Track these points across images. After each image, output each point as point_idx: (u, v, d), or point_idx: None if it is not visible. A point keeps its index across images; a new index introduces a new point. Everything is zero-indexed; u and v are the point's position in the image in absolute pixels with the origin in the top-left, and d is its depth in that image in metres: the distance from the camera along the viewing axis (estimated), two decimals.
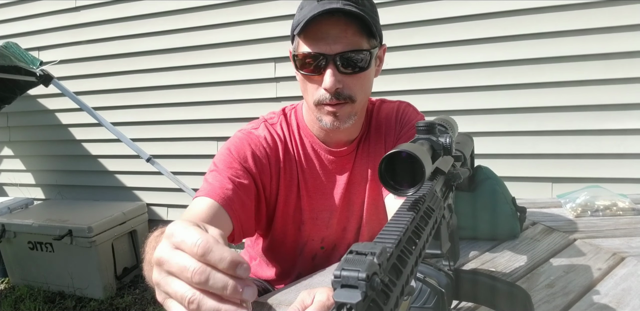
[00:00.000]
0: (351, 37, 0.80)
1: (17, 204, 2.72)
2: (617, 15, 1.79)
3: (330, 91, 0.81)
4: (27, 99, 2.90)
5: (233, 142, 0.91)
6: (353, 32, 0.80)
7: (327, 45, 0.79)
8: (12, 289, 2.57)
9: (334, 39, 0.79)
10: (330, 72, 0.80)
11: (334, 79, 0.80)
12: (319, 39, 0.80)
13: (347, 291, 0.27)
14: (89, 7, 2.74)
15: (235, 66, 2.44)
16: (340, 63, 0.80)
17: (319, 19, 0.77)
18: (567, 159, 1.94)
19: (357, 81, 0.84)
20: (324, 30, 0.79)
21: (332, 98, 0.83)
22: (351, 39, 0.80)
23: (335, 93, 0.82)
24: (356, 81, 0.83)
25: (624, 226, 1.05)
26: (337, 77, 0.81)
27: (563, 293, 0.75)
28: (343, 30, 0.79)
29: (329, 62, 0.80)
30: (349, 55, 0.80)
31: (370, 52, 0.83)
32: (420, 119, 0.98)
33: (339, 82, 0.81)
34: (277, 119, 0.98)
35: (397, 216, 0.41)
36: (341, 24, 0.79)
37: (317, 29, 0.79)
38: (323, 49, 0.80)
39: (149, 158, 2.29)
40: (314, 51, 0.80)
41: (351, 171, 0.97)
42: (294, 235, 1.00)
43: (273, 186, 0.93)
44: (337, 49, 0.79)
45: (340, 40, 0.79)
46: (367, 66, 0.83)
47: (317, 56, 0.80)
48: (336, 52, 0.79)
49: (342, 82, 0.82)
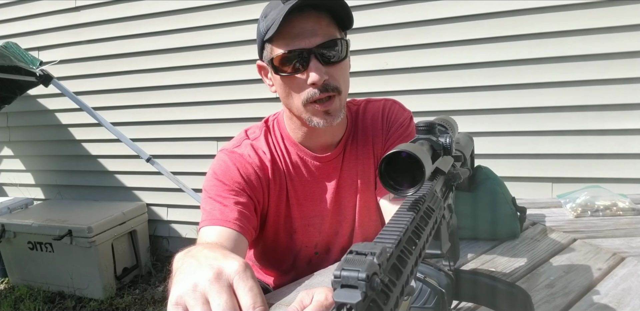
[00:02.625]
0: (326, 28, 0.80)
1: (17, 204, 2.72)
2: (618, 16, 1.79)
3: (318, 83, 0.80)
4: (27, 99, 2.90)
5: (218, 166, 0.90)
6: (327, 23, 0.80)
7: (306, 40, 0.79)
8: (12, 289, 2.57)
9: (311, 32, 0.79)
10: (314, 66, 0.79)
11: (320, 72, 0.79)
12: (296, 35, 0.79)
13: (347, 291, 0.27)
14: (89, 7, 2.74)
15: (235, 66, 2.44)
16: (322, 55, 0.80)
17: (290, 18, 0.76)
18: (567, 159, 1.94)
19: (339, 70, 0.83)
20: (298, 26, 0.79)
21: (321, 92, 0.82)
22: (326, 30, 0.80)
23: (324, 85, 0.81)
24: (339, 70, 0.83)
25: (624, 226, 1.05)
26: (322, 69, 0.80)
27: (563, 293, 0.75)
28: (317, 23, 0.79)
29: (311, 56, 0.79)
30: (328, 45, 0.80)
31: (346, 41, 0.83)
32: (407, 116, 0.98)
33: (326, 74, 0.80)
34: (260, 132, 0.96)
35: (397, 216, 0.41)
36: (313, 17, 0.79)
37: (291, 26, 0.78)
38: (302, 44, 0.79)
39: (148, 158, 2.29)
40: (293, 48, 0.79)
41: (340, 174, 0.96)
42: (286, 243, 0.99)
43: (265, 199, 0.93)
44: (316, 42, 0.79)
45: (317, 33, 0.79)
46: (345, 55, 0.83)
47: (297, 52, 0.79)
48: (316, 44, 0.79)
49: (327, 73, 0.81)
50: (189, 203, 2.59)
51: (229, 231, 0.80)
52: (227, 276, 0.46)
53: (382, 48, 2.11)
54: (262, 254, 1.03)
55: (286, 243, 0.99)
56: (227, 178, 0.87)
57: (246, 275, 0.46)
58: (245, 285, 0.45)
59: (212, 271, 0.46)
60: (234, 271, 0.46)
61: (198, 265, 0.49)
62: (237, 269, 0.47)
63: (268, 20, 0.81)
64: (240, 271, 0.46)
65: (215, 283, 0.45)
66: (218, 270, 0.46)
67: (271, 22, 0.79)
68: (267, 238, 0.98)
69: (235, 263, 0.47)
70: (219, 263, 0.48)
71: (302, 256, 1.01)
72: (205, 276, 0.46)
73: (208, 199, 0.86)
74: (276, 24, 0.77)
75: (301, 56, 0.80)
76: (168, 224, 2.81)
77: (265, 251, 1.02)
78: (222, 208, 0.83)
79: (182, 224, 2.77)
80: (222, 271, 0.47)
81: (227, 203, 0.84)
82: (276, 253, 1.00)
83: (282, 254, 1.00)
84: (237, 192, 0.86)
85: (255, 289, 0.45)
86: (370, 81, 2.16)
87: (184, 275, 0.49)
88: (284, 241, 0.98)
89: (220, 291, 0.45)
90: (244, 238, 0.81)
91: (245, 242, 0.82)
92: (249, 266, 0.48)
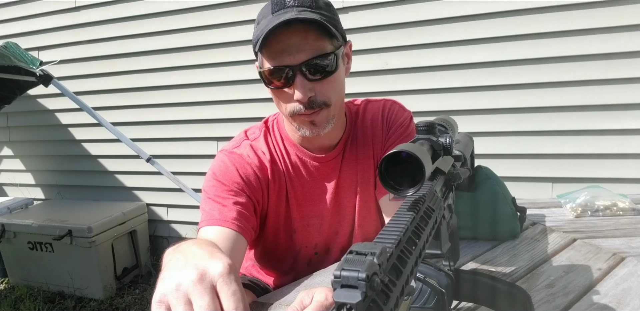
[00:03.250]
0: (313, 43, 0.77)
1: (17, 204, 2.72)
2: (618, 15, 1.79)
3: (302, 101, 0.80)
4: (27, 99, 2.89)
5: (218, 166, 0.90)
6: (314, 37, 0.77)
7: (290, 56, 0.77)
8: (12, 289, 2.56)
9: (296, 48, 0.77)
10: (299, 83, 0.78)
11: (304, 89, 0.78)
12: (280, 51, 0.77)
13: (347, 292, 0.27)
14: (89, 7, 2.73)
15: (235, 66, 2.44)
16: (307, 71, 0.78)
17: (277, 31, 0.75)
18: (567, 159, 1.94)
19: (327, 85, 0.81)
20: (283, 42, 0.76)
21: (306, 108, 0.81)
22: (313, 45, 0.77)
23: (309, 102, 0.80)
24: (327, 85, 0.81)
25: (624, 226, 1.05)
26: (307, 86, 0.79)
27: (563, 293, 0.75)
28: (303, 38, 0.77)
29: (296, 73, 0.78)
30: (314, 61, 0.78)
31: (335, 54, 0.80)
32: (407, 116, 0.97)
33: (310, 91, 0.79)
34: (259, 132, 0.96)
35: (397, 216, 0.41)
36: (299, 32, 0.76)
37: (277, 41, 0.76)
38: (287, 61, 0.77)
39: (149, 158, 2.29)
40: (278, 64, 0.78)
41: (339, 175, 0.96)
42: (286, 244, 0.99)
43: (265, 199, 0.93)
44: (301, 58, 0.77)
45: (303, 48, 0.77)
46: (335, 68, 0.81)
47: (282, 68, 0.78)
48: (301, 61, 0.77)
49: (313, 90, 0.80)
50: (189, 203, 2.59)
51: (227, 231, 0.80)
52: (211, 278, 0.46)
53: (382, 48, 2.11)
54: (262, 254, 1.03)
55: (286, 243, 0.99)
56: (226, 179, 0.87)
57: (230, 278, 0.46)
58: (228, 288, 0.46)
59: (196, 271, 0.46)
60: (217, 274, 0.46)
61: (184, 263, 0.50)
62: (222, 271, 0.47)
63: (259, 29, 0.80)
64: (224, 274, 0.46)
65: (198, 285, 0.45)
66: (202, 271, 0.46)
67: (261, 32, 0.77)
68: (267, 238, 0.98)
69: (220, 265, 0.47)
70: (204, 262, 0.48)
71: (302, 257, 1.01)
72: (189, 277, 0.46)
73: (207, 200, 0.86)
74: (262, 38, 0.76)
75: (286, 72, 0.78)
76: (168, 224, 2.81)
77: (265, 251, 1.02)
78: (221, 208, 0.83)
79: (182, 224, 2.77)
80: (207, 272, 0.47)
81: (226, 203, 0.84)
82: (276, 253, 1.00)
83: (282, 255, 1.00)
84: (236, 192, 0.86)
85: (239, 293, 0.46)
86: (370, 81, 2.16)
87: (169, 272, 0.49)
88: (283, 242, 0.98)
89: (203, 293, 0.45)
90: (243, 238, 0.82)
91: (244, 242, 0.82)
92: (235, 268, 0.48)
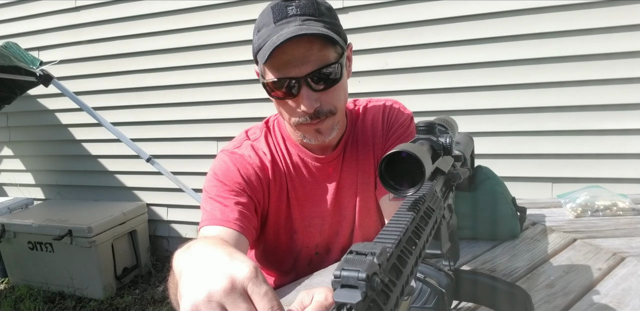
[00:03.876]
0: (317, 53, 0.76)
1: (17, 204, 2.72)
2: (618, 16, 1.79)
3: (309, 112, 0.79)
4: (27, 99, 2.90)
5: (219, 166, 0.90)
6: (319, 47, 0.76)
7: (296, 68, 0.76)
8: (12, 289, 2.57)
9: (301, 60, 0.75)
10: (304, 94, 0.77)
11: (310, 101, 0.78)
12: (285, 63, 0.76)
13: (347, 292, 0.27)
14: (89, 7, 2.74)
15: (235, 65, 2.44)
16: (313, 82, 0.78)
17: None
18: (567, 159, 1.94)
19: (333, 93, 0.81)
20: (288, 53, 0.75)
21: (312, 119, 0.81)
22: (318, 55, 0.76)
23: (315, 112, 0.80)
24: (332, 94, 0.81)
25: (624, 226, 1.05)
26: (313, 96, 0.78)
27: (563, 293, 0.75)
28: (308, 49, 0.75)
29: (302, 85, 0.77)
30: (319, 72, 0.77)
31: (340, 63, 0.79)
32: (408, 117, 0.97)
33: (316, 101, 0.79)
34: (260, 133, 0.96)
35: (397, 216, 0.41)
36: (304, 43, 0.75)
37: (281, 52, 0.74)
38: (292, 73, 0.76)
39: (149, 158, 2.29)
40: (283, 76, 0.77)
41: (340, 175, 0.96)
42: (287, 244, 0.99)
43: (265, 199, 0.93)
44: (306, 70, 0.76)
45: (308, 60, 0.76)
46: (339, 76, 0.80)
47: (287, 80, 0.77)
48: (306, 73, 0.76)
49: (318, 100, 0.79)
50: (189, 203, 2.59)
51: (229, 231, 0.80)
52: (241, 283, 0.46)
53: (382, 48, 2.11)
54: (263, 254, 1.03)
55: (287, 244, 0.99)
56: (227, 179, 0.87)
57: (259, 280, 0.46)
58: (260, 290, 0.45)
59: (226, 280, 0.45)
60: (246, 278, 0.46)
61: (206, 268, 0.48)
62: (249, 275, 0.46)
63: (260, 37, 0.79)
64: (253, 277, 0.46)
65: (231, 293, 0.45)
66: (231, 278, 0.46)
67: (262, 41, 0.77)
68: (267, 238, 0.98)
69: (246, 268, 0.47)
70: (229, 267, 0.47)
71: (303, 257, 1.01)
72: (219, 286, 0.45)
73: (208, 200, 0.86)
74: (265, 50, 0.74)
75: (291, 84, 0.78)
76: (168, 224, 2.81)
77: (266, 251, 1.02)
78: (222, 208, 0.83)
79: (182, 224, 2.77)
80: (235, 278, 0.46)
81: (227, 203, 0.84)
82: (277, 253, 1.00)
83: (283, 255, 1.00)
84: (237, 192, 0.86)
85: (270, 293, 0.45)
86: (370, 81, 2.16)
87: (193, 279, 0.48)
88: (284, 242, 0.98)
89: (238, 300, 0.44)
90: (245, 238, 0.81)
91: (245, 242, 0.82)
92: (259, 269, 0.48)
